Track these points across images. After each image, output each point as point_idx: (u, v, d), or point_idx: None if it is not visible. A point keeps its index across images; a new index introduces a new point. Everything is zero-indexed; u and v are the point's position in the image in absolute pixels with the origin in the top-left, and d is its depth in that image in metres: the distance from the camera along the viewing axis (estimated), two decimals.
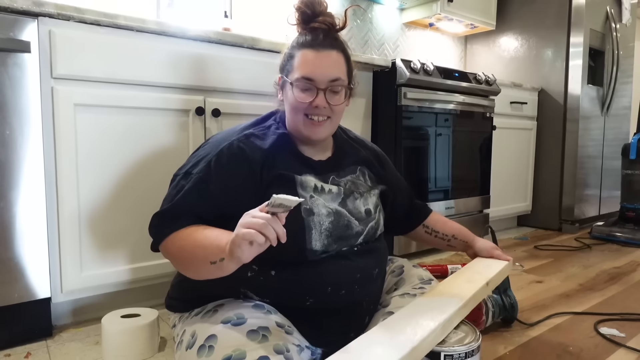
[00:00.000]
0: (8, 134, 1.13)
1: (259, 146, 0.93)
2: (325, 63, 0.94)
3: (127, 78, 1.32)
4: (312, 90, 0.94)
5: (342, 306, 0.92)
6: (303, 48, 0.95)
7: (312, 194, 0.94)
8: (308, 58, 0.94)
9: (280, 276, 0.89)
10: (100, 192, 1.30)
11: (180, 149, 1.43)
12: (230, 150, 0.92)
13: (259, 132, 0.97)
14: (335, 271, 0.92)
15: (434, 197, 2.18)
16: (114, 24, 1.28)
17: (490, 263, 1.18)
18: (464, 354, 0.83)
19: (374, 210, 1.04)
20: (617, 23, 2.91)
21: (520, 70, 3.00)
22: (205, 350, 0.77)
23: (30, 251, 1.18)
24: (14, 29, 1.12)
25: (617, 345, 1.22)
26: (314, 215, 0.92)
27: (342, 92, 0.97)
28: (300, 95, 0.94)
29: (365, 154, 1.12)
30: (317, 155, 1.02)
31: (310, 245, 0.90)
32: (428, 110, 2.09)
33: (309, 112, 0.95)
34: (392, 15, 2.90)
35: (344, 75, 0.97)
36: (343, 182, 1.01)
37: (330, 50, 0.95)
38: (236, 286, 0.90)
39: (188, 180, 0.91)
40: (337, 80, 0.95)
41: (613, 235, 2.55)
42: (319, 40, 0.95)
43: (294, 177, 0.94)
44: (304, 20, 0.98)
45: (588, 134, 2.84)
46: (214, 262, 0.76)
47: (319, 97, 0.94)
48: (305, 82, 0.94)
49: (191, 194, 0.89)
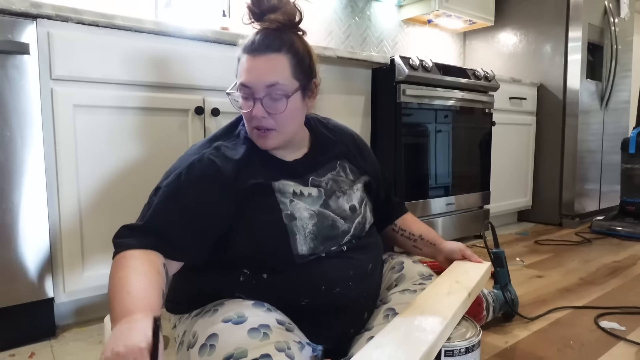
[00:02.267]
0: (8, 135, 1.13)
1: (230, 157, 0.91)
2: (263, 68, 0.88)
3: (126, 78, 1.32)
4: (251, 99, 0.90)
5: (339, 304, 0.92)
6: (244, 52, 0.91)
7: (292, 198, 0.92)
8: (246, 64, 0.90)
9: (272, 279, 0.89)
10: (101, 193, 1.30)
11: (180, 149, 1.43)
12: (202, 162, 0.89)
13: (229, 143, 0.95)
14: (327, 270, 0.91)
15: (434, 193, 2.18)
16: (112, 24, 1.28)
17: (467, 269, 1.10)
18: (465, 349, 0.84)
19: (359, 205, 1.02)
20: (615, 17, 2.91)
21: (519, 66, 2.99)
22: (207, 349, 0.78)
23: (32, 252, 1.18)
24: (12, 31, 1.12)
25: (618, 339, 1.23)
26: (296, 219, 0.90)
27: (281, 100, 0.90)
28: (243, 103, 0.92)
29: (344, 144, 1.09)
30: (292, 154, 1.00)
31: (296, 251, 0.89)
32: (427, 107, 2.09)
33: (252, 123, 0.92)
34: (391, 12, 2.90)
35: (284, 79, 0.89)
36: (324, 181, 0.99)
37: (269, 54, 0.89)
38: (230, 290, 0.90)
39: (157, 194, 0.88)
40: (275, 85, 0.88)
41: (613, 229, 2.55)
42: (256, 44, 0.89)
43: (271, 184, 0.91)
44: (255, 19, 0.93)
45: (587, 128, 2.84)
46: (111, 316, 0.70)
47: (256, 107, 0.89)
48: (245, 90, 0.90)
49: (160, 208, 0.85)
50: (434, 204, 2.19)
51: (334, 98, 1.88)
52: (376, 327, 0.93)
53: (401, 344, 0.74)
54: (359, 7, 2.73)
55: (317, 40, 2.53)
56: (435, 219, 2.21)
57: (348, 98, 1.94)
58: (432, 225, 2.20)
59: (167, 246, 0.84)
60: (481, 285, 1.07)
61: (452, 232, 2.31)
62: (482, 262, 1.13)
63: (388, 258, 1.18)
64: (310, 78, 0.96)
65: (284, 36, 0.92)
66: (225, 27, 1.93)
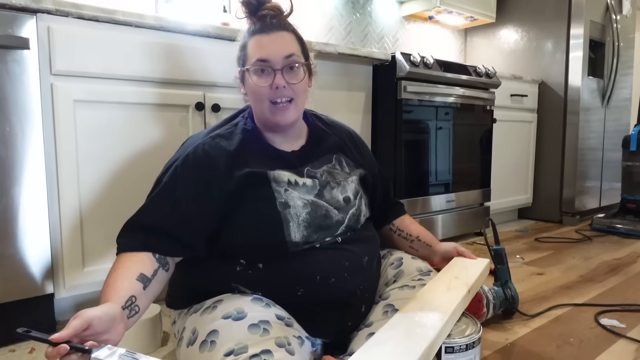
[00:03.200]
0: (8, 130, 1.13)
1: (224, 147, 0.93)
2: (278, 42, 0.95)
3: (126, 73, 1.31)
4: (269, 72, 0.94)
5: (335, 295, 0.93)
6: (254, 35, 0.96)
7: (287, 187, 0.94)
8: (260, 42, 0.95)
9: (268, 268, 0.90)
10: (101, 188, 1.30)
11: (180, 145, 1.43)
12: (196, 154, 0.92)
13: (225, 132, 0.97)
14: (322, 260, 0.92)
15: (434, 190, 2.18)
16: (112, 19, 1.27)
17: (466, 265, 1.10)
18: (465, 345, 0.84)
19: (354, 197, 1.03)
20: (617, 14, 2.90)
21: (521, 63, 2.99)
22: (208, 345, 0.78)
23: (32, 247, 1.18)
24: (12, 26, 1.12)
25: (618, 336, 1.23)
26: (289, 207, 0.92)
27: (300, 69, 0.96)
28: (259, 80, 0.95)
29: (340, 138, 1.11)
30: (289, 145, 1.02)
31: (289, 238, 0.90)
32: (428, 104, 2.09)
33: (271, 97, 0.95)
34: (392, 9, 2.89)
35: (298, 52, 0.97)
36: (319, 173, 1.01)
37: (282, 31, 0.96)
38: (227, 280, 0.91)
39: (156, 188, 0.92)
40: (292, 55, 0.95)
41: (613, 226, 2.55)
42: (268, 23, 0.96)
43: (266, 172, 0.93)
44: (251, 11, 0.99)
45: (588, 125, 2.84)
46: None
47: (277, 77, 0.94)
48: (261, 64, 0.94)
49: (158, 203, 0.90)
50: (434, 201, 2.19)
51: (335, 94, 1.88)
52: (375, 323, 0.93)
53: (402, 340, 0.74)
54: (360, 3, 2.72)
55: (318, 36, 2.52)
56: (436, 216, 2.21)
57: (349, 94, 1.93)
58: (433, 222, 2.20)
59: (163, 243, 0.87)
60: (480, 281, 1.07)
61: (453, 229, 2.31)
62: (477, 259, 1.14)
63: (387, 254, 1.18)
64: (308, 59, 1.02)
65: (285, 21, 1.00)
66: (226, 22, 1.92)
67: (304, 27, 1.05)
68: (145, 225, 0.88)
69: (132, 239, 0.87)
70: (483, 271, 1.08)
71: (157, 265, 0.85)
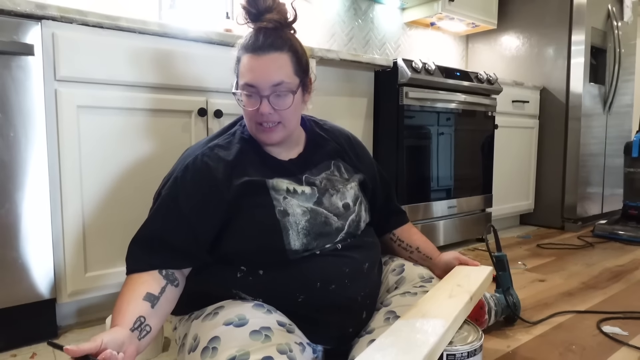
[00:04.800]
0: (12, 135, 1.14)
1: (222, 157, 0.93)
2: (266, 68, 0.91)
3: (130, 80, 1.32)
4: (256, 97, 0.92)
5: (335, 301, 0.92)
6: (246, 52, 0.93)
7: (286, 195, 0.94)
8: (249, 64, 0.92)
9: (269, 275, 0.90)
10: (104, 193, 1.31)
11: (182, 151, 1.43)
12: (195, 165, 0.92)
13: (224, 142, 0.97)
14: (322, 267, 0.92)
15: (436, 196, 2.18)
16: (116, 26, 1.28)
17: (469, 272, 1.10)
18: (467, 353, 0.84)
19: (353, 203, 1.03)
20: (618, 21, 2.91)
21: (522, 69, 2.99)
22: (209, 352, 0.78)
23: (35, 252, 1.19)
24: (17, 32, 1.13)
25: (620, 344, 1.22)
26: (289, 215, 0.92)
27: (288, 95, 0.93)
28: (247, 102, 0.94)
29: (339, 144, 1.10)
30: (287, 153, 1.02)
31: (289, 246, 0.90)
32: (430, 110, 2.09)
33: (258, 120, 0.94)
34: (394, 15, 2.90)
35: (288, 77, 0.93)
36: (318, 180, 1.00)
37: (272, 53, 0.91)
38: (228, 287, 0.91)
39: (157, 201, 0.92)
40: (281, 84, 0.92)
41: (616, 233, 2.55)
42: (259, 43, 0.92)
43: (265, 181, 0.93)
44: (251, 19, 0.96)
45: (590, 132, 2.84)
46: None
47: (263, 104, 0.92)
48: (249, 89, 0.93)
49: (160, 215, 0.90)
50: (436, 207, 2.19)
51: (337, 100, 1.88)
52: (377, 329, 0.93)
53: (403, 347, 0.74)
54: (362, 10, 2.73)
55: (320, 42, 2.53)
56: (437, 222, 2.21)
57: (350, 100, 1.94)
58: (434, 228, 2.20)
59: (168, 257, 0.88)
60: (483, 289, 1.07)
61: (454, 235, 2.31)
62: (480, 266, 1.13)
63: (388, 260, 1.18)
64: (307, 74, 1.00)
65: (283, 35, 0.95)
66: (229, 28, 1.94)
67: (306, 33, 1.04)
68: (149, 241, 0.88)
69: (137, 259, 0.87)
70: (486, 279, 1.08)
71: (165, 282, 0.85)
